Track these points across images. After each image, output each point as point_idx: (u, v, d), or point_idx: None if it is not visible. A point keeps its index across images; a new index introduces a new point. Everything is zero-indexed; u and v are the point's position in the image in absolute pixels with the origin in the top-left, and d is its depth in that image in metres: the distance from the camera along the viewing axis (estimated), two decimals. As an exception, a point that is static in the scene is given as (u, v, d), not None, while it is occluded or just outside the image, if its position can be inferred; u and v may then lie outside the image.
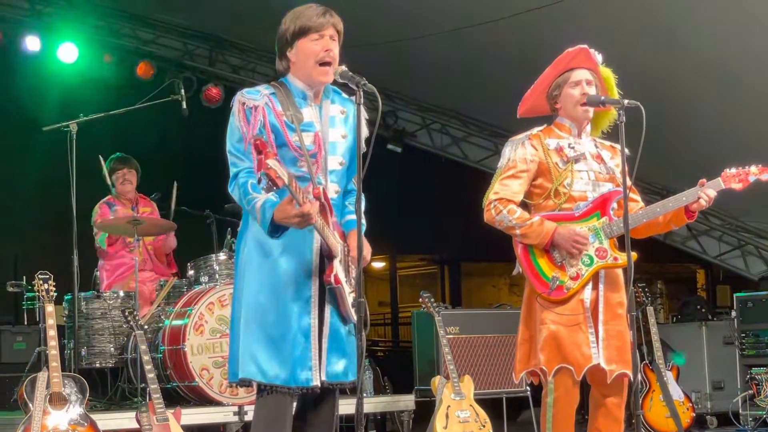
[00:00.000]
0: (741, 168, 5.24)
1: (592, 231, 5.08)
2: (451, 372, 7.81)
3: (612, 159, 5.23)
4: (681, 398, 8.53)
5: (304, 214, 4.12)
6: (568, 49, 5.19)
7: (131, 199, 8.59)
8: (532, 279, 5.08)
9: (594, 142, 5.25)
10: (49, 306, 6.44)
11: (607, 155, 5.23)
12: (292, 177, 4.06)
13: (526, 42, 9.32)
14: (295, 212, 4.13)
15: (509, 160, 5.14)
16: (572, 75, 5.15)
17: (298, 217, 4.14)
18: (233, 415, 7.41)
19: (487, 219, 5.12)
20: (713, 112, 9.94)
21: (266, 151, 3.89)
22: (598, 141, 5.28)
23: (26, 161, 10.76)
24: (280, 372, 4.28)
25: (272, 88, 4.45)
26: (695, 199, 5.10)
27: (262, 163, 3.87)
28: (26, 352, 8.70)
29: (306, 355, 4.32)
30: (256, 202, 4.22)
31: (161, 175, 9.01)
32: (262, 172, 3.89)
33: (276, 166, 3.90)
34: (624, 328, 5.04)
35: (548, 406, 5.01)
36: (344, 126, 4.53)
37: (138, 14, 11.55)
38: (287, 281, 4.32)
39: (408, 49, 10.40)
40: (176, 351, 7.47)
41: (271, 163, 3.88)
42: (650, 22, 8.87)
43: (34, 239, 10.88)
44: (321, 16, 4.42)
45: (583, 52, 5.18)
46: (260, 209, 4.21)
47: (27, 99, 10.72)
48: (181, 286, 8.13)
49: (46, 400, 6.24)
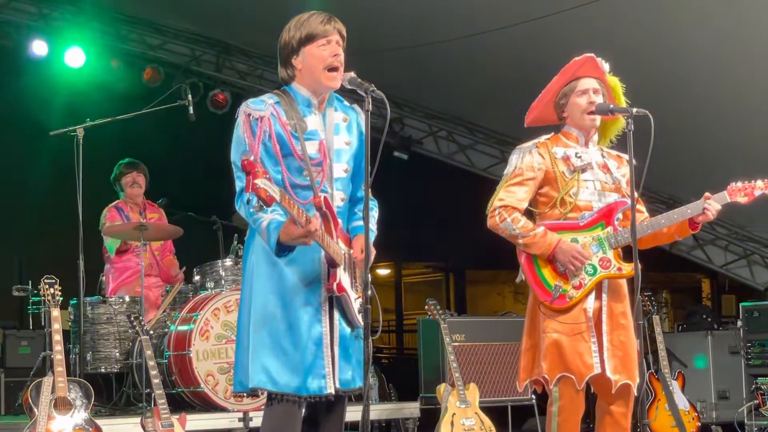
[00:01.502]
0: (747, 182, 5.23)
1: (596, 241, 5.07)
2: (456, 379, 7.80)
3: (618, 169, 5.22)
4: (686, 407, 8.51)
5: (310, 232, 4.14)
6: (575, 57, 5.19)
7: (139, 204, 8.60)
8: (535, 287, 5.07)
9: (601, 152, 5.24)
10: (54, 310, 6.44)
11: (614, 165, 5.22)
12: (284, 193, 4.06)
13: (532, 50, 9.32)
14: (299, 233, 4.14)
15: (516, 167, 5.13)
16: (579, 84, 5.14)
17: (303, 237, 4.16)
18: (238, 422, 7.41)
19: (490, 225, 5.11)
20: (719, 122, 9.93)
21: (254, 171, 3.88)
22: (605, 150, 5.27)
23: (33, 166, 10.78)
24: (291, 380, 4.27)
25: (276, 96, 4.44)
26: (700, 212, 5.09)
27: (251, 185, 3.87)
28: (31, 357, 8.69)
29: (318, 363, 4.31)
30: (261, 222, 4.22)
31: (168, 181, 9.02)
32: (251, 193, 3.89)
33: (266, 185, 3.89)
34: (627, 338, 5.03)
35: (553, 415, 5.00)
36: (348, 133, 4.53)
37: (145, 19, 11.57)
38: (296, 289, 4.32)
39: (415, 57, 10.40)
40: (181, 356, 7.47)
41: (260, 183, 3.87)
42: (655, 32, 8.87)
43: (40, 243, 10.89)
44: (327, 23, 4.42)
45: (590, 60, 5.18)
46: (265, 231, 4.22)
47: (34, 103, 10.74)
48: (187, 292, 8.13)
49: (51, 404, 6.24)
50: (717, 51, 8.90)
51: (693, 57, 9.07)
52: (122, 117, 8.40)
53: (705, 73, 9.27)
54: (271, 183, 3.94)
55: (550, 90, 5.22)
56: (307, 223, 4.11)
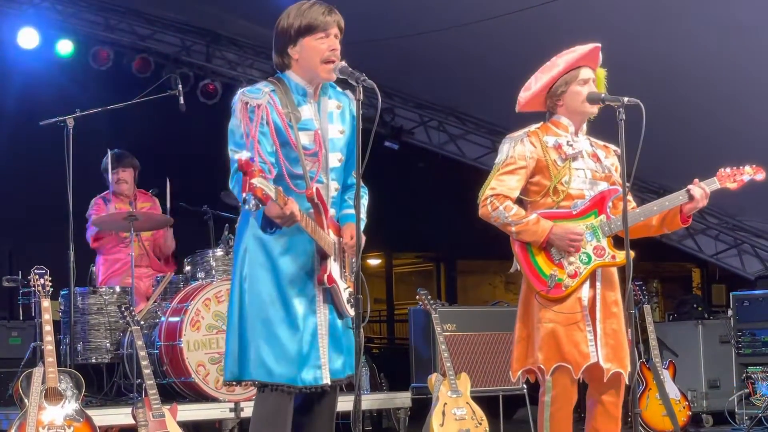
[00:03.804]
0: (735, 168, 5.24)
1: (590, 229, 5.07)
2: (447, 369, 7.80)
3: (607, 158, 5.22)
4: (677, 397, 8.53)
5: (284, 215, 4.13)
6: (580, 46, 5.13)
7: (128, 195, 8.58)
8: (530, 277, 5.05)
9: (589, 141, 5.24)
10: (45, 301, 6.43)
11: (602, 154, 5.22)
12: (280, 190, 4.06)
13: (523, 40, 9.31)
14: (276, 213, 4.14)
15: (508, 156, 5.10)
16: (581, 73, 5.10)
17: (280, 218, 4.15)
18: (229, 412, 7.41)
19: (482, 214, 5.09)
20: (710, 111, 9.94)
21: (251, 170, 3.87)
22: (593, 140, 5.27)
23: (22, 155, 10.75)
24: (286, 371, 4.27)
25: (272, 85, 4.42)
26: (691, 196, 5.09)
27: (248, 184, 3.86)
28: (21, 347, 8.67)
29: (314, 354, 4.32)
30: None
31: (158, 171, 8.98)
32: (248, 193, 3.87)
33: (262, 183, 3.89)
34: (618, 326, 5.02)
35: (545, 405, 5.00)
36: (341, 121, 4.52)
37: (135, 9, 11.54)
38: (291, 280, 4.32)
39: (406, 46, 10.39)
40: (172, 347, 7.46)
41: (256, 182, 3.87)
42: (648, 20, 8.87)
43: (30, 234, 10.85)
44: (327, 15, 4.39)
45: (595, 51, 5.14)
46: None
47: (24, 94, 10.70)
48: (178, 282, 8.11)
49: (41, 395, 6.22)
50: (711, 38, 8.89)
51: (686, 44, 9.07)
52: (112, 107, 8.37)
53: (697, 61, 9.27)
54: (267, 181, 3.93)
55: (551, 76, 5.14)
56: (283, 205, 4.10)
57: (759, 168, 5.30)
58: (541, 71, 5.19)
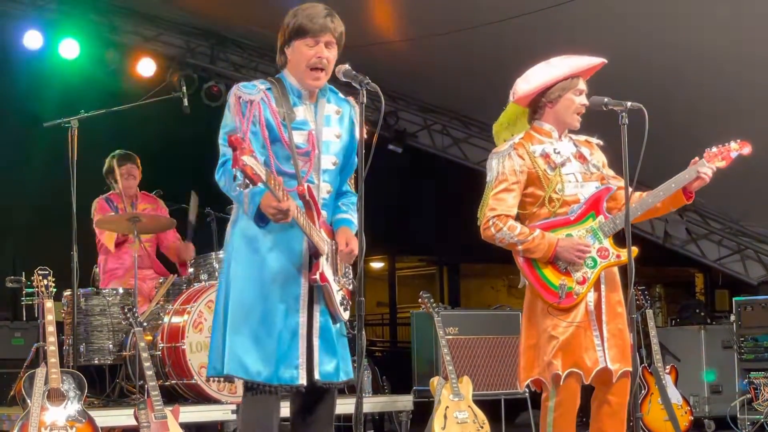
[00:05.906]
0: (721, 145, 5.24)
1: (591, 232, 5.07)
2: (449, 373, 7.80)
3: (592, 155, 5.21)
4: (679, 402, 8.53)
5: (281, 210, 4.12)
6: (588, 57, 5.11)
7: (131, 195, 8.57)
8: (540, 290, 5.02)
9: (572, 142, 5.22)
10: (48, 302, 6.44)
11: (587, 152, 5.20)
12: (271, 173, 4.05)
13: (528, 44, 9.29)
14: (273, 205, 4.13)
15: (498, 173, 5.09)
16: (579, 83, 5.10)
17: (274, 210, 4.14)
18: (231, 414, 7.40)
19: (486, 237, 5.07)
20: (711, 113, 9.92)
21: (241, 147, 3.86)
22: (574, 139, 5.24)
23: (27, 157, 10.76)
24: (262, 369, 4.26)
25: (269, 83, 4.44)
26: (695, 177, 5.09)
27: (238, 160, 3.85)
28: (24, 348, 8.67)
29: (292, 353, 4.30)
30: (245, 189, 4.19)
31: (161, 172, 9.01)
32: (237, 169, 3.87)
33: (252, 163, 3.88)
34: (624, 326, 5.03)
35: (549, 410, 4.98)
36: (339, 125, 4.53)
37: (140, 11, 11.55)
38: (275, 278, 4.31)
39: (410, 50, 10.39)
40: (175, 348, 7.47)
41: (246, 159, 3.86)
42: (649, 26, 8.86)
43: (34, 235, 10.87)
44: (321, 19, 4.38)
45: (599, 66, 5.14)
46: (249, 194, 4.19)
47: (28, 95, 10.72)
48: (181, 284, 8.12)
49: (44, 396, 6.23)
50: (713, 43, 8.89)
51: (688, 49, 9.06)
52: (116, 109, 8.39)
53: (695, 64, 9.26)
54: (257, 162, 3.93)
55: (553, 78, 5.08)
56: (284, 197, 4.09)
57: (744, 142, 5.31)
58: (540, 67, 5.16)
